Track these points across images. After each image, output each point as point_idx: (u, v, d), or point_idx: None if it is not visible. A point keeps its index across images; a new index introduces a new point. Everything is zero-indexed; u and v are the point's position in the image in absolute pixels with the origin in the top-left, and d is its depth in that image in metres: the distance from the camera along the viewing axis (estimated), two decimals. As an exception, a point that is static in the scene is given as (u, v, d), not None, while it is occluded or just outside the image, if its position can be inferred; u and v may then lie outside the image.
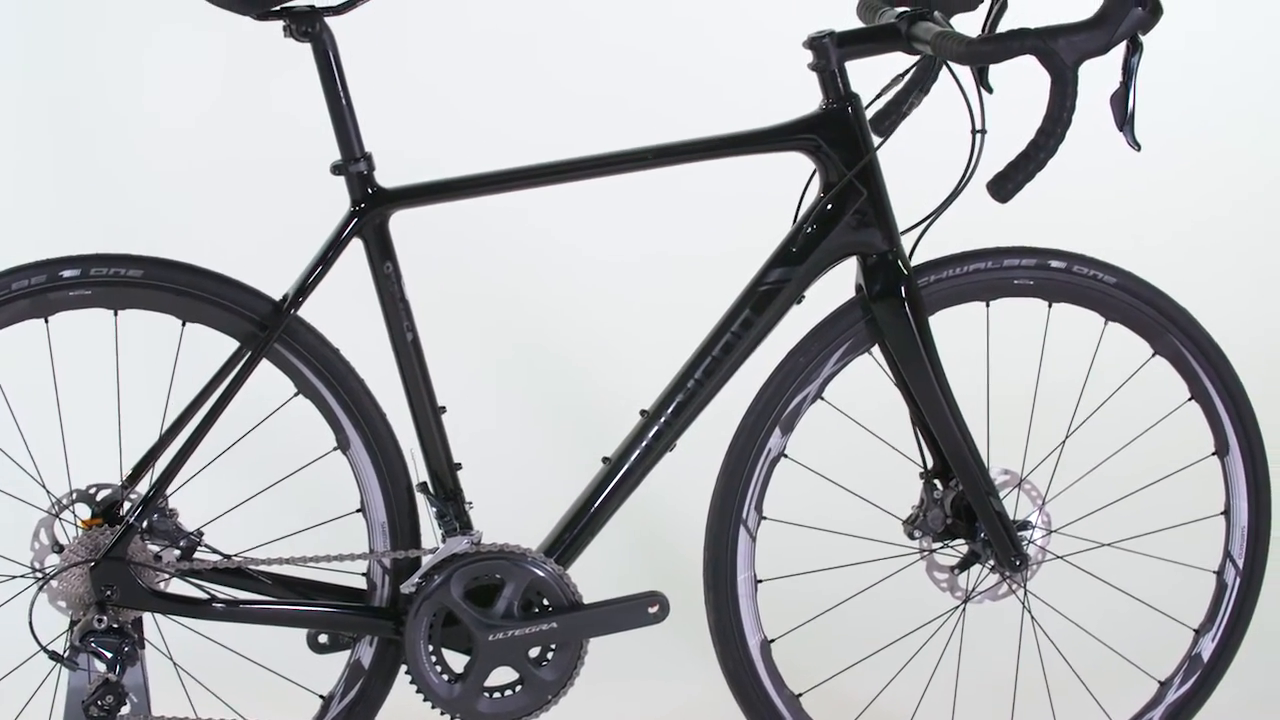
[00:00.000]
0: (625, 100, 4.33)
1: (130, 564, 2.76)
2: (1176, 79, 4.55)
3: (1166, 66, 4.51)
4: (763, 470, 2.95)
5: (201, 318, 2.80)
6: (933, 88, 2.93)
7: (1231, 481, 3.12)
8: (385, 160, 2.80)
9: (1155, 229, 4.46)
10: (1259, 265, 4.62)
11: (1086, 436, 3.12)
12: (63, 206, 4.28)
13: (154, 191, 4.33)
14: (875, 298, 2.88)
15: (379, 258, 2.79)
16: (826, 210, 2.85)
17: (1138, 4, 2.53)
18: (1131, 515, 3.18)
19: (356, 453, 2.87)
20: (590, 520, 2.92)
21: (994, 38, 2.57)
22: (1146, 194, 4.51)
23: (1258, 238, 4.64)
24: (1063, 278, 2.97)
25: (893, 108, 2.98)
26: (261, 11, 2.68)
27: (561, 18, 4.50)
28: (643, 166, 2.84)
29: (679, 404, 2.89)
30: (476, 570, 2.84)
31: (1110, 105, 2.58)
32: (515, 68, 4.46)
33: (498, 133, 4.22)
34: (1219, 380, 3.05)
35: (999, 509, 2.95)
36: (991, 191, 2.59)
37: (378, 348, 2.83)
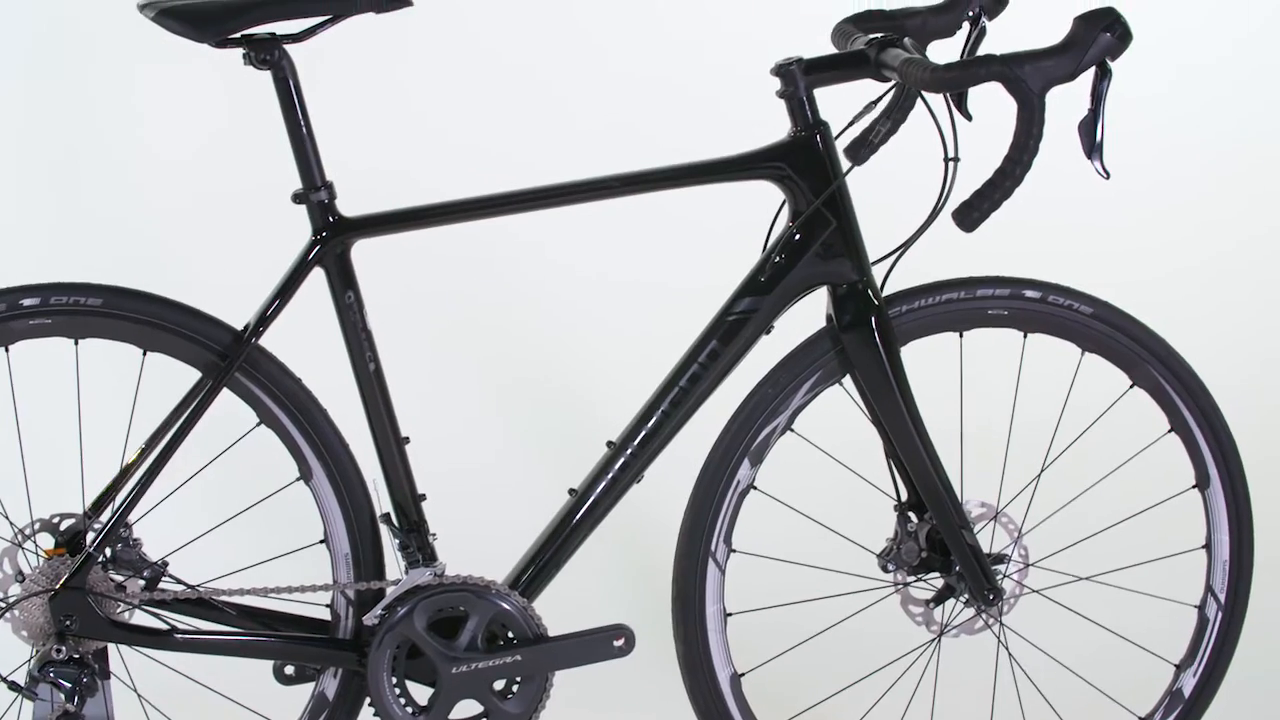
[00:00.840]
0: (610, 125, 4.30)
1: (89, 594, 2.73)
2: (1161, 110, 4.51)
3: (1152, 97, 4.52)
4: (731, 502, 2.91)
5: (162, 347, 2.78)
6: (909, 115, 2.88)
7: (1213, 514, 3.07)
8: (375, 182, 2.76)
9: (1133, 258, 4.43)
10: (1238, 295, 4.57)
11: (1064, 469, 3.07)
12: (26, 236, 4.27)
13: (123, 220, 4.32)
14: (845, 328, 2.84)
15: (340, 287, 2.77)
16: (794, 240, 2.82)
17: (1105, 30, 2.49)
18: (1111, 548, 3.13)
19: (319, 483, 2.85)
20: (555, 553, 2.89)
21: (958, 64, 2.54)
22: (1124, 223, 4.49)
23: (1237, 267, 4.59)
24: (1038, 308, 2.92)
25: (867, 135, 2.94)
26: (219, 39, 2.65)
27: (545, 43, 4.47)
28: (607, 195, 2.80)
29: (645, 435, 2.85)
30: (440, 602, 2.82)
31: (1078, 133, 2.53)
32: (501, 94, 4.45)
33: (479, 157, 4.21)
34: (1199, 412, 3.00)
35: (972, 542, 2.91)
36: (957, 221, 2.55)
37: (343, 377, 2.81)
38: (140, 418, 2.84)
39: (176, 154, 4.33)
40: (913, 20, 2.87)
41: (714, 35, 4.53)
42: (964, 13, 2.89)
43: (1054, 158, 2.68)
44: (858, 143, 2.93)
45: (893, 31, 2.84)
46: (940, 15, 2.89)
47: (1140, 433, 3.04)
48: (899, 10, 2.88)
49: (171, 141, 4.33)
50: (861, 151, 2.93)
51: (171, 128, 4.34)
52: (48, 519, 2.80)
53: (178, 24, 2.63)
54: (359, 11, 2.69)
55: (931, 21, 2.88)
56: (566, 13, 4.49)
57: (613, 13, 4.48)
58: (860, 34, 2.83)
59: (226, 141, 4.24)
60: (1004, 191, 2.51)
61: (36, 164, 4.34)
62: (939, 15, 2.89)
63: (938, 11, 2.89)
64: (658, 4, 4.54)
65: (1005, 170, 2.50)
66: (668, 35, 4.49)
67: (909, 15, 2.87)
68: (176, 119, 4.34)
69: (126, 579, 2.81)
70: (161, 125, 4.34)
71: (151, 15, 2.65)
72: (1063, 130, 2.58)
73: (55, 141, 4.35)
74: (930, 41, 2.89)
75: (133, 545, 2.82)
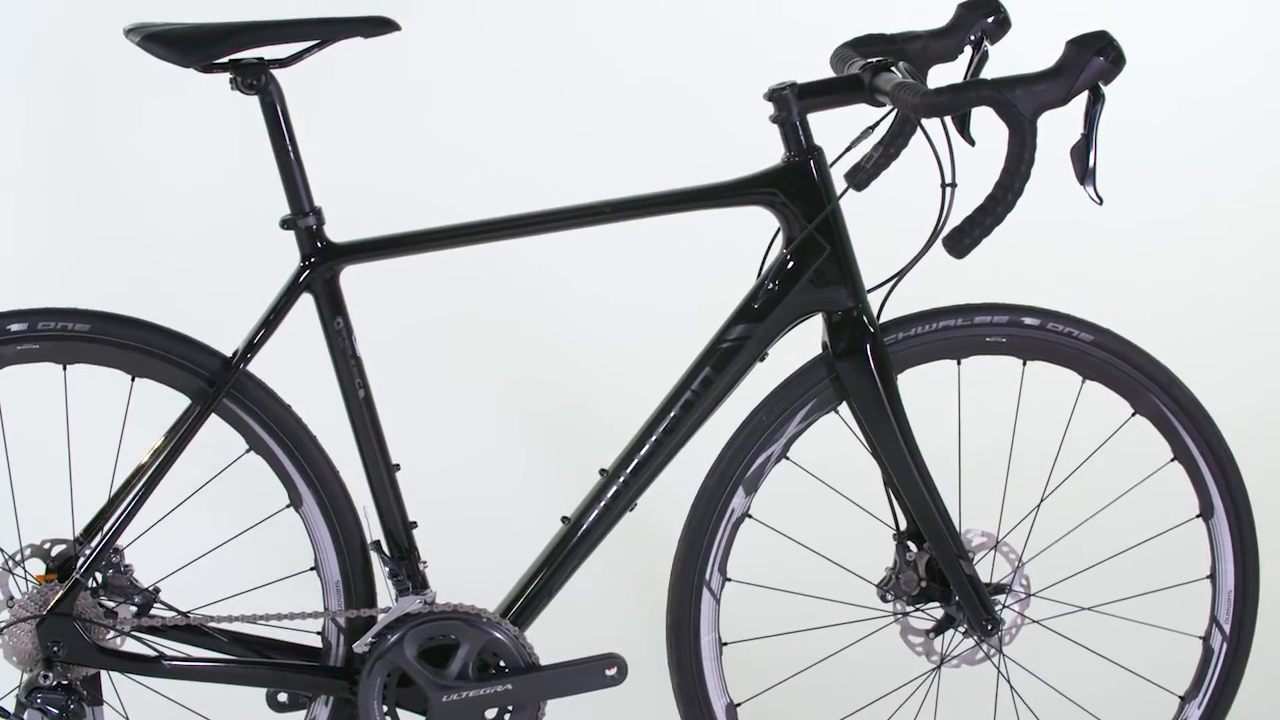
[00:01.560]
0: (609, 148, 4.28)
1: (76, 620, 2.72)
2: (1166, 136, 4.47)
3: (1158, 124, 4.48)
4: (726, 531, 2.89)
5: (150, 373, 2.77)
6: (911, 139, 2.85)
7: (1217, 544, 3.03)
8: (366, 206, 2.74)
9: (1135, 286, 4.39)
10: (1243, 322, 4.51)
11: (1066, 498, 3.03)
12: (15, 261, 4.26)
13: (117, 245, 4.30)
14: (840, 355, 2.81)
15: (329, 313, 2.75)
16: (788, 266, 2.79)
17: (1098, 54, 2.45)
18: (1114, 578, 3.09)
19: (309, 510, 2.84)
20: (547, 581, 2.87)
21: (948, 88, 2.50)
22: (1125, 251, 4.43)
23: (1241, 295, 4.54)
24: (1037, 335, 2.89)
25: (868, 160, 2.91)
26: (205, 64, 2.64)
27: (544, 67, 4.44)
28: (599, 221, 2.78)
29: (638, 463, 2.83)
30: (430, 630, 2.80)
31: (1070, 158, 2.50)
32: (498, 117, 4.42)
33: (477, 180, 4.20)
34: (1202, 440, 2.96)
35: (970, 572, 2.87)
36: (948, 247, 2.51)
37: (336, 402, 2.79)
38: (135, 443, 2.82)
39: (167, 178, 4.30)
40: (913, 44, 2.84)
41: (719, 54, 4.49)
42: (965, 37, 2.86)
43: (1061, 185, 2.62)
44: (857, 168, 2.90)
45: (893, 56, 2.80)
46: (941, 39, 2.86)
47: (1143, 460, 2.99)
48: (899, 34, 2.85)
49: (162, 166, 4.30)
50: (861, 177, 2.91)
51: (161, 152, 4.32)
52: (39, 544, 2.79)
53: (162, 49, 2.62)
54: (346, 36, 2.68)
55: (932, 46, 2.85)
56: (568, 39, 4.46)
57: (611, 36, 4.44)
58: (858, 58, 2.80)
59: (219, 165, 4.22)
60: (995, 218, 2.47)
61: (26, 188, 4.32)
62: (940, 39, 2.85)
63: (939, 36, 2.86)
64: (665, 26, 4.49)
65: (996, 196, 2.46)
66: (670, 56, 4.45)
67: (909, 39, 2.84)
68: (165, 144, 4.32)
69: (118, 605, 2.80)
70: (152, 150, 4.32)
71: (137, 40, 2.64)
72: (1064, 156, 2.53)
73: (45, 167, 4.32)
74: (932, 66, 2.86)
75: (124, 571, 2.81)
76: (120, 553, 2.80)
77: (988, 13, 2.86)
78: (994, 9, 2.87)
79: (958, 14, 2.88)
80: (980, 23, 2.86)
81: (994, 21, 2.86)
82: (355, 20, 2.69)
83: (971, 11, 2.87)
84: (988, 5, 2.87)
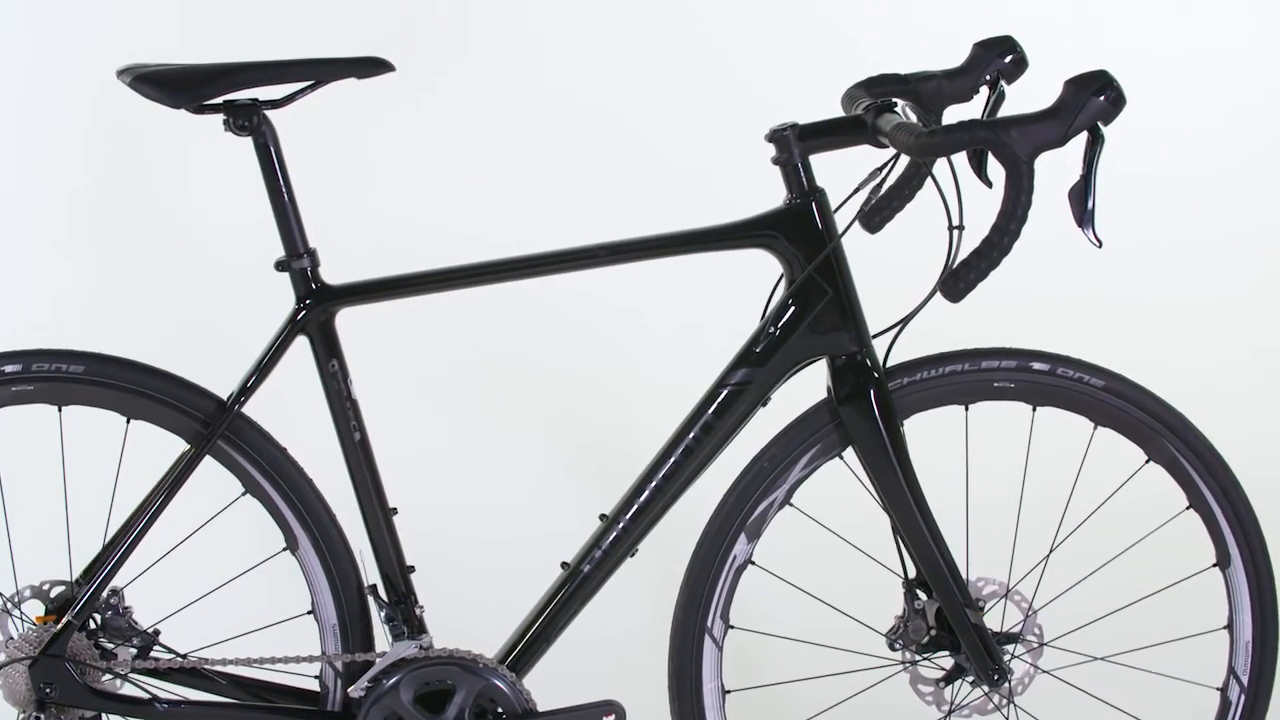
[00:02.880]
0: (611, 191, 4.23)
1: (69, 661, 2.71)
2: (1183, 184, 4.39)
3: (1173, 172, 4.39)
4: (728, 578, 2.85)
5: (145, 415, 2.76)
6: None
7: (1234, 594, 2.95)
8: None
9: (1149, 329, 4.28)
10: (1258, 366, 4.41)
11: (1080, 545, 2.97)
12: (12, 304, 4.25)
13: (116, 287, 4.27)
14: (842, 400, 2.76)
15: (324, 355, 2.74)
16: (789, 310, 2.75)
17: (1096, 94, 2.39)
18: (1129, 628, 3.02)
19: (305, 553, 2.82)
20: (546, 627, 2.84)
21: (942, 129, 2.45)
22: (1138, 295, 4.34)
23: (1256, 336, 4.44)
24: (1046, 380, 2.83)
25: (884, 202, 2.87)
26: (197, 105, 2.63)
27: (540, 112, 4.39)
28: (595, 264, 2.75)
29: (638, 509, 2.80)
30: (426, 675, 2.78)
31: (1069, 200, 2.43)
32: (497, 159, 4.38)
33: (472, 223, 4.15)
34: (1218, 488, 2.89)
35: (977, 621, 2.82)
36: (943, 291, 2.46)
37: (333, 444, 2.77)
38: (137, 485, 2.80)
39: (165, 218, 4.27)
40: (927, 84, 2.78)
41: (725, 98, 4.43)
42: (981, 76, 2.80)
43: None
44: (873, 210, 2.86)
45: (905, 96, 2.76)
46: (956, 79, 2.80)
47: (1159, 506, 2.93)
48: (913, 74, 2.80)
49: (160, 206, 4.27)
50: (875, 220, 2.86)
51: (158, 193, 4.28)
52: (38, 586, 2.79)
53: (153, 90, 2.61)
54: (339, 77, 2.67)
55: (946, 86, 2.79)
56: (565, 78, 4.40)
57: (614, 76, 4.39)
58: (867, 99, 2.75)
59: (218, 205, 4.18)
60: (991, 261, 2.41)
61: (20, 230, 4.30)
62: (954, 79, 2.80)
63: (953, 75, 2.80)
64: (669, 67, 4.44)
65: (992, 239, 2.40)
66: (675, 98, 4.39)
67: (923, 79, 2.79)
68: (161, 185, 4.28)
69: (118, 647, 2.79)
70: (149, 191, 4.29)
71: (128, 81, 2.63)
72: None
73: (40, 210, 4.29)
74: (947, 106, 2.80)
75: (123, 613, 2.79)
76: (119, 594, 2.79)
77: (1003, 52, 2.81)
78: (1010, 48, 2.81)
79: (973, 53, 2.83)
80: (995, 62, 2.80)
81: (1010, 61, 2.80)
82: (349, 61, 2.67)
83: (987, 50, 2.81)
84: (1003, 44, 2.81)
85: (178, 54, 2.75)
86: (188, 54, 2.75)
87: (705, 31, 4.55)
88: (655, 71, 4.53)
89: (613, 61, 4.50)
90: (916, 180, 2.86)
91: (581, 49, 4.51)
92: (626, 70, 4.49)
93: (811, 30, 4.54)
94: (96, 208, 4.23)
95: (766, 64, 4.51)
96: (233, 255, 3.91)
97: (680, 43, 4.54)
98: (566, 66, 4.49)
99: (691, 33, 4.55)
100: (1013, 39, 2.83)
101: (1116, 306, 4.34)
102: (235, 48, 2.76)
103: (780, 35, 4.51)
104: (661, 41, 4.53)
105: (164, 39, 4.01)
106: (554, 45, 4.52)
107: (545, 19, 4.47)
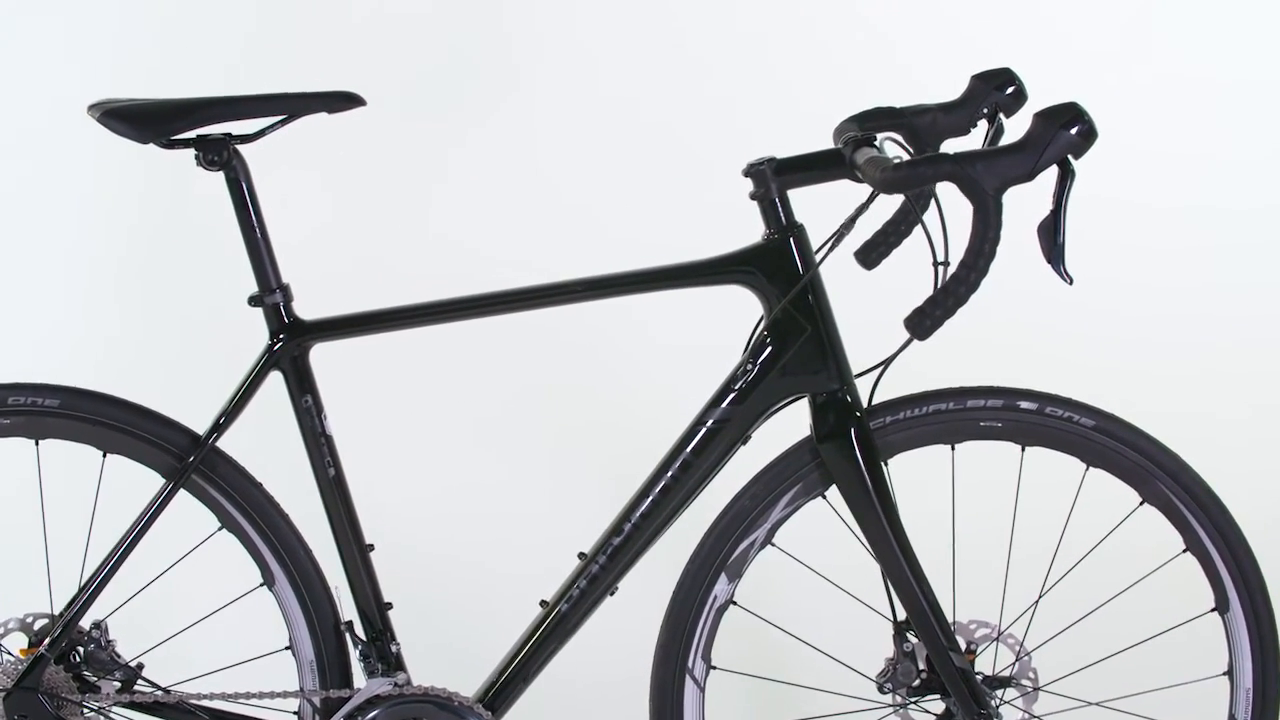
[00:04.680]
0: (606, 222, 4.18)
1: (42, 693, 2.72)
2: (1174, 222, 4.29)
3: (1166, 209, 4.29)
4: (709, 618, 2.81)
5: (121, 449, 2.77)
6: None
7: (1234, 640, 2.86)
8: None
9: (1140, 367, 4.19)
10: (1257, 404, 4.30)
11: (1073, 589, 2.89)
12: None
13: (94, 322, 4.25)
14: (822, 439, 2.71)
15: (297, 390, 2.73)
16: (766, 347, 2.70)
17: (1065, 126, 2.32)
18: (1125, 672, 2.94)
19: (282, 589, 2.82)
20: (523, 666, 2.82)
21: (907, 163, 2.38)
22: (1129, 332, 4.25)
23: (1255, 372, 4.32)
24: (1034, 420, 2.76)
25: (879, 238, 2.83)
26: (167, 140, 2.63)
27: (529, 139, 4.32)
28: (569, 300, 2.72)
29: (615, 548, 2.76)
30: (400, 712, 2.77)
31: (1038, 235, 2.36)
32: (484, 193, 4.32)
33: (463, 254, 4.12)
34: (1215, 531, 2.81)
35: (961, 665, 2.76)
36: (909, 328, 2.39)
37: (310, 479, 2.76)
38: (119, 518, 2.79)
39: (142, 252, 4.24)
40: (922, 118, 2.73)
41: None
42: (978, 109, 2.75)
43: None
44: (869, 246, 2.82)
45: (900, 129, 2.71)
46: (952, 113, 2.75)
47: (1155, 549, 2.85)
48: (907, 107, 2.74)
49: (137, 241, 4.25)
50: (871, 256, 2.83)
51: (135, 228, 4.25)
52: (22, 618, 2.80)
53: (121, 125, 2.62)
54: (310, 112, 2.67)
55: (942, 120, 2.74)
56: (556, 108, 4.33)
57: (608, 105, 4.32)
58: (858, 132, 2.70)
59: (197, 239, 4.16)
60: (958, 298, 2.34)
61: None
62: (951, 113, 2.75)
63: (950, 109, 2.75)
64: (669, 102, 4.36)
65: (960, 276, 2.33)
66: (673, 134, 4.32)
67: (918, 113, 2.74)
68: (141, 221, 4.25)
69: (100, 680, 2.80)
70: (125, 226, 4.25)
71: (97, 116, 2.64)
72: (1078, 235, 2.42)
73: (15, 241, 4.26)
74: (944, 140, 2.75)
75: (105, 646, 2.80)
76: (101, 627, 2.80)
77: (1002, 84, 2.75)
78: (1008, 80, 2.75)
79: (970, 86, 2.78)
80: (993, 95, 2.75)
81: (1010, 94, 2.75)
82: (320, 95, 2.67)
83: (985, 83, 2.76)
84: (1001, 76, 2.76)
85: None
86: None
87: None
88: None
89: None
90: (913, 215, 2.80)
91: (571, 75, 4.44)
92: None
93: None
94: (74, 243, 4.21)
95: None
96: (217, 287, 3.91)
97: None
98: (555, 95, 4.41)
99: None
100: (1011, 71, 2.77)
101: (1106, 344, 4.25)
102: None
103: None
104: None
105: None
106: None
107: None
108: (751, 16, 4.27)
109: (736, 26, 4.29)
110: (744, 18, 4.28)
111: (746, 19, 4.27)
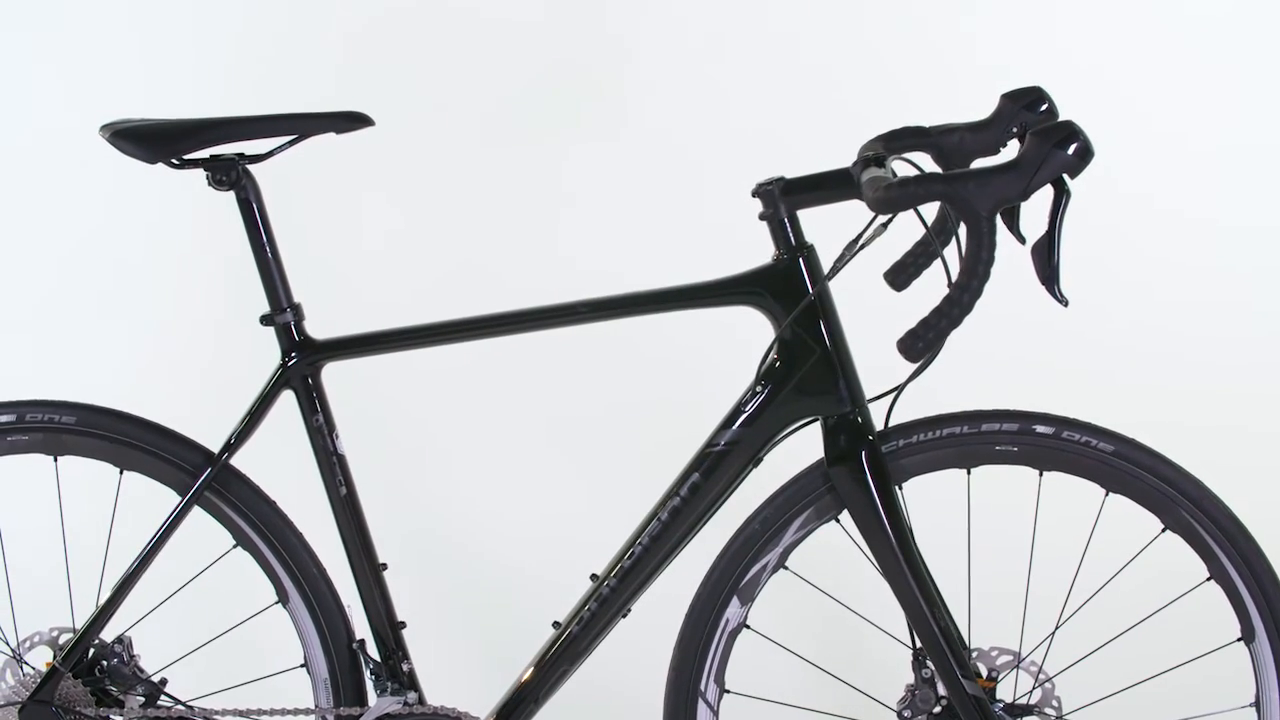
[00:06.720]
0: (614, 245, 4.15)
1: (56, 707, 2.76)
2: (1194, 241, 4.20)
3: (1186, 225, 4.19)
4: (721, 641, 2.79)
5: (137, 466, 2.80)
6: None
7: (1261, 670, 2.79)
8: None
9: (1162, 387, 4.10)
10: None
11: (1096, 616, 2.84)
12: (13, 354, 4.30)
13: (112, 339, 4.27)
14: (833, 462, 2.68)
15: (309, 410, 2.75)
16: (776, 369, 2.68)
17: (1059, 146, 2.28)
18: (1149, 702, 2.89)
19: (296, 607, 2.84)
20: (535, 687, 2.81)
21: (899, 182, 2.35)
22: (1148, 352, 4.15)
23: None
24: (1051, 444, 2.71)
25: (909, 259, 2.79)
26: (179, 161, 2.65)
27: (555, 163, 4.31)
28: (576, 321, 2.72)
29: (625, 570, 2.75)
30: (413, 731, 2.76)
31: (1032, 257, 2.32)
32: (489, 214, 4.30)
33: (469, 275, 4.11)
34: (1240, 560, 2.73)
35: (974, 693, 2.71)
36: (901, 349, 2.34)
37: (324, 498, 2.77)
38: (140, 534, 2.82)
39: (158, 270, 4.27)
40: (949, 138, 2.69)
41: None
42: (1007, 129, 2.69)
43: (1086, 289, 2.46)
44: (898, 268, 2.79)
45: (927, 149, 2.67)
46: (979, 133, 2.69)
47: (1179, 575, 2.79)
48: (935, 127, 2.70)
49: (152, 259, 4.27)
50: (900, 278, 2.79)
51: (150, 246, 4.28)
52: (46, 633, 2.84)
53: (130, 145, 2.65)
54: (320, 132, 2.68)
55: (969, 139, 2.69)
56: (561, 130, 4.30)
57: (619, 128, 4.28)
58: (884, 152, 2.66)
59: (214, 258, 4.16)
60: (951, 320, 2.29)
61: (11, 280, 4.34)
62: (979, 132, 2.69)
63: (978, 129, 2.69)
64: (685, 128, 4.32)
65: (952, 298, 2.29)
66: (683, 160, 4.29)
67: (945, 132, 2.69)
68: (154, 238, 4.26)
69: (123, 694, 2.83)
70: (141, 244, 4.28)
71: (108, 136, 2.66)
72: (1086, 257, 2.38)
73: (31, 258, 4.31)
74: (972, 160, 2.70)
75: (128, 661, 2.83)
76: (124, 642, 2.83)
77: (1032, 104, 2.69)
78: (1038, 99, 2.70)
79: (1000, 105, 2.72)
80: (1022, 115, 2.69)
81: (1040, 113, 2.69)
82: (329, 116, 2.68)
83: (1014, 102, 2.70)
84: (1030, 95, 2.70)
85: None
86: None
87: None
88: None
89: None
90: (944, 235, 2.77)
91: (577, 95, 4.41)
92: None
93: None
94: (91, 261, 4.25)
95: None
96: (234, 305, 3.93)
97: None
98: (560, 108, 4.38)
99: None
100: (1042, 90, 2.71)
101: (1127, 362, 4.16)
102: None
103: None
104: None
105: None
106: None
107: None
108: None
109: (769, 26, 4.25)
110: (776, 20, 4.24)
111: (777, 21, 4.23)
